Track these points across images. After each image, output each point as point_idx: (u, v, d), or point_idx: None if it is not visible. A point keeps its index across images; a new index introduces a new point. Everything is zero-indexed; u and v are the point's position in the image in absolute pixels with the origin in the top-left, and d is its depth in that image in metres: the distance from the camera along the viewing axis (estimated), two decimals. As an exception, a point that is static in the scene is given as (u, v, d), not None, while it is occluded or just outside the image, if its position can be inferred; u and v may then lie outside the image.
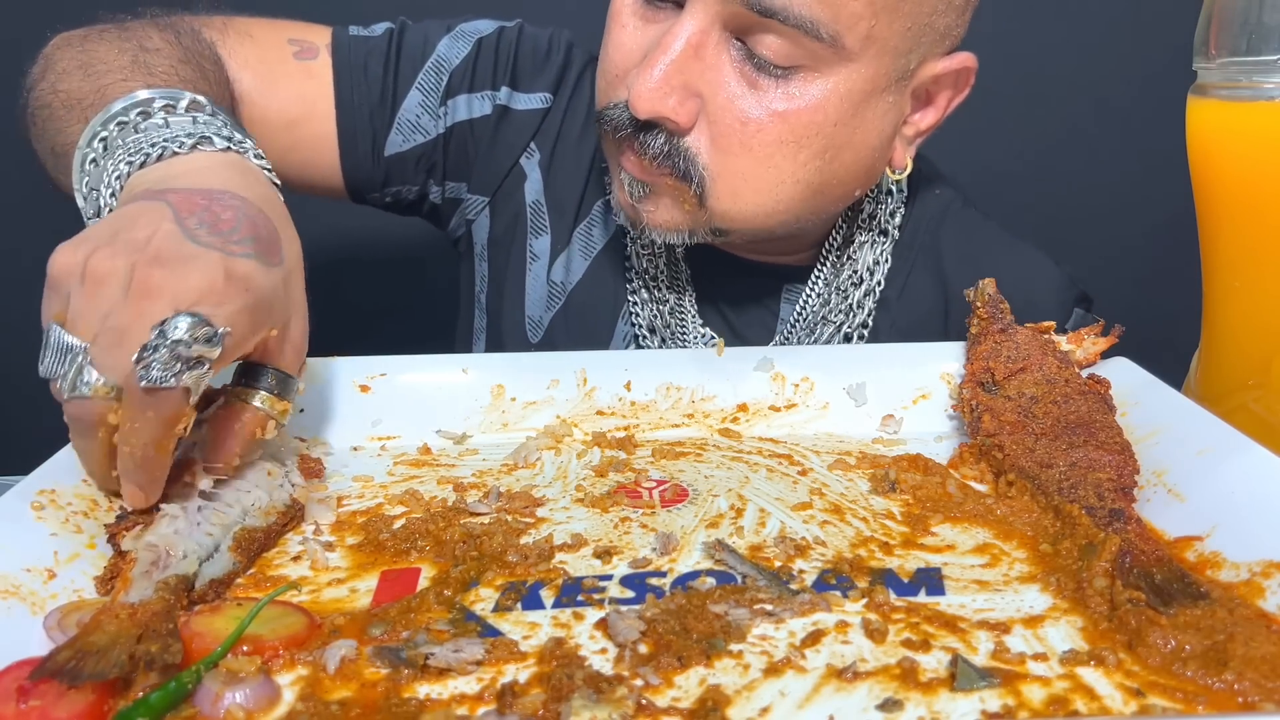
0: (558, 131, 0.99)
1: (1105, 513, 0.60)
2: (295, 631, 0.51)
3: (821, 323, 0.94)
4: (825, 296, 0.94)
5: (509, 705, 0.46)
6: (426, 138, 0.96)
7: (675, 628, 0.51)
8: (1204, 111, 0.75)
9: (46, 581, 0.54)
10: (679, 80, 0.75)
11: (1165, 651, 0.48)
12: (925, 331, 0.94)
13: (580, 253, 0.99)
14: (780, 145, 0.78)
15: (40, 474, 0.62)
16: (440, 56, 0.96)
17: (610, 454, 0.76)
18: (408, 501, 0.68)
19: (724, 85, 0.76)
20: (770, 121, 0.77)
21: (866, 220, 0.94)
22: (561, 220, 0.99)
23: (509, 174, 0.99)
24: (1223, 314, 0.78)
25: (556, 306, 0.99)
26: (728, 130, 0.77)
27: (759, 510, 0.66)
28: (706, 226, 0.82)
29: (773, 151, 0.78)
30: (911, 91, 0.83)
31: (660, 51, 0.75)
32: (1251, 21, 0.70)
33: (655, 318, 0.95)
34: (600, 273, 0.98)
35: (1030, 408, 0.72)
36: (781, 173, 0.79)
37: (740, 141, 0.77)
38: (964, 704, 0.46)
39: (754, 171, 0.79)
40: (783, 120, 0.77)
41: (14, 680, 0.45)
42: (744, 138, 0.77)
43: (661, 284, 0.94)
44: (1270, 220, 0.73)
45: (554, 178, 0.99)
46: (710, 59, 0.76)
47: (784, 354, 0.83)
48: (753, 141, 0.77)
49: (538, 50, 0.99)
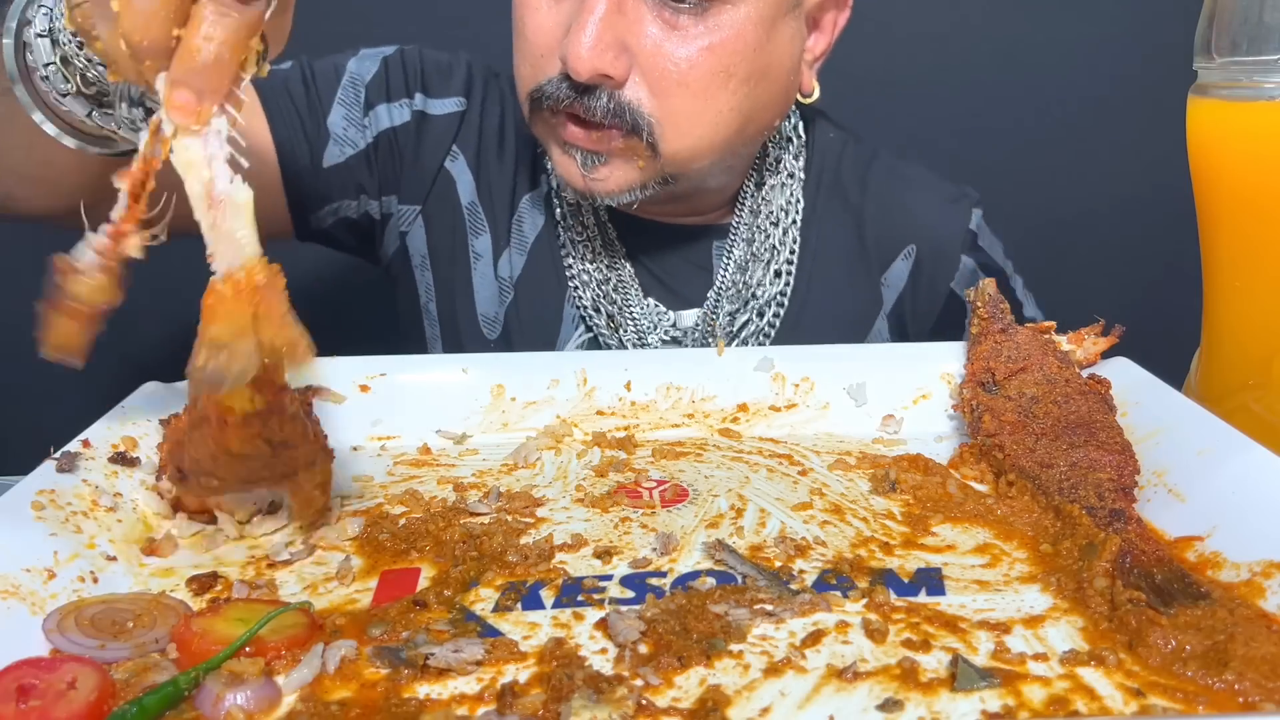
0: (478, 133, 1.03)
1: (1105, 513, 0.60)
2: (295, 632, 0.51)
3: (752, 260, 1.00)
4: (750, 240, 1.00)
5: (509, 705, 0.46)
6: (356, 149, 0.99)
7: (675, 628, 0.51)
8: (1204, 111, 0.75)
9: (46, 581, 0.54)
10: (610, 37, 0.81)
11: (1165, 651, 0.48)
12: (844, 259, 1.03)
13: (517, 247, 1.03)
14: (713, 76, 0.84)
15: (40, 474, 0.62)
16: (353, 74, 1.00)
17: (610, 454, 0.76)
18: (408, 501, 0.68)
19: (649, 33, 0.82)
20: (700, 57, 0.83)
21: (774, 165, 1.01)
22: (498, 217, 1.03)
23: (436, 179, 1.03)
24: (1223, 314, 0.78)
25: (508, 300, 1.02)
26: (663, 74, 0.83)
27: (759, 510, 0.66)
28: (658, 176, 0.88)
29: (708, 84, 0.84)
30: (805, 17, 0.91)
31: (586, 14, 0.80)
32: (1251, 21, 0.70)
33: (599, 297, 0.99)
34: (538, 262, 1.02)
35: (1030, 408, 0.72)
36: (719, 103, 0.85)
37: (677, 81, 0.83)
38: (964, 704, 0.46)
39: (695, 107, 0.85)
40: (711, 53, 0.83)
41: (14, 680, 0.45)
42: (679, 77, 0.83)
43: (601, 264, 0.99)
44: (1271, 220, 0.73)
45: (484, 177, 1.03)
46: (631, 13, 0.82)
47: (784, 354, 0.83)
48: (688, 78, 0.83)
49: (440, 63, 1.03)
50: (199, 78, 0.53)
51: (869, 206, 1.04)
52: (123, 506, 0.63)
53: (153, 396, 0.73)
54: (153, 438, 0.69)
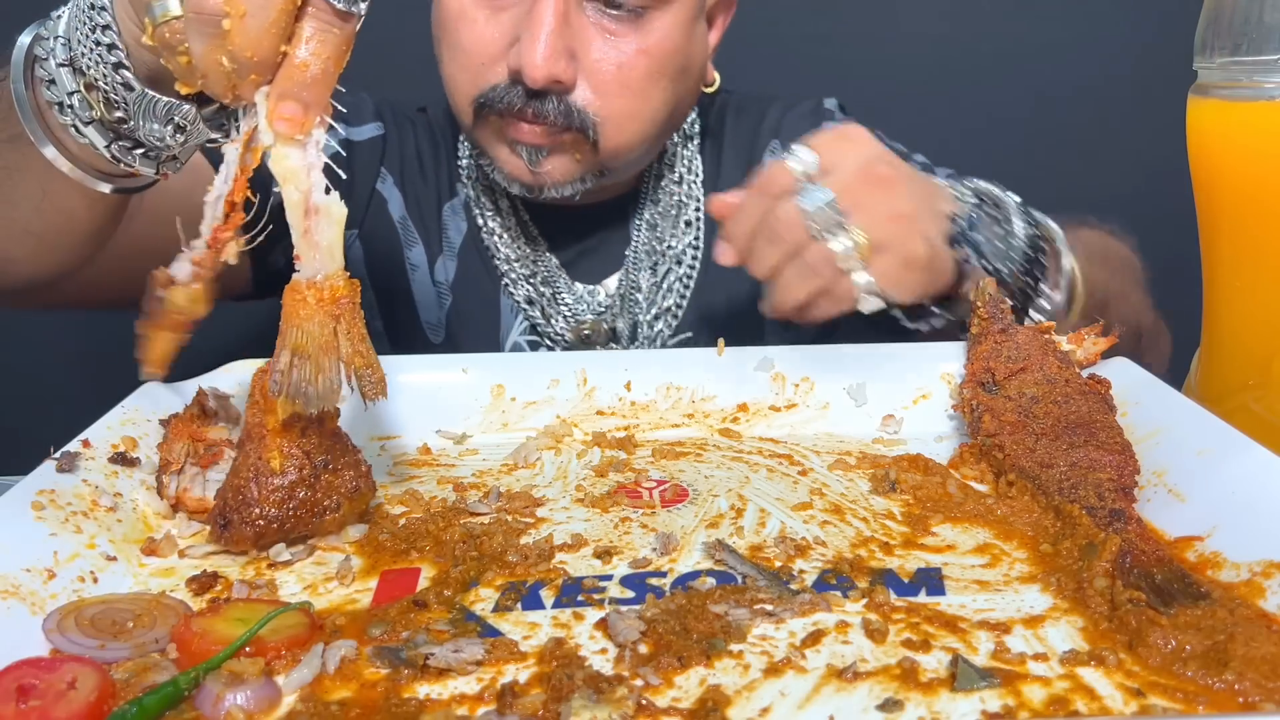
0: (399, 154, 1.10)
1: (1105, 513, 0.60)
2: (295, 632, 0.51)
3: (660, 218, 1.08)
4: (656, 200, 1.09)
5: (509, 705, 0.46)
6: None
7: (675, 628, 0.51)
8: (1204, 111, 0.75)
9: (46, 581, 0.54)
10: (560, 46, 0.88)
11: (1165, 651, 0.48)
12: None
13: (448, 253, 1.10)
14: (649, 77, 0.93)
15: (40, 474, 0.62)
16: None
17: (610, 454, 0.76)
18: (408, 501, 0.68)
19: (593, 41, 0.91)
20: (638, 59, 0.92)
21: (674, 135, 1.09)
22: (428, 227, 1.10)
23: (370, 202, 1.09)
24: (1223, 314, 0.78)
25: (447, 304, 1.08)
26: (606, 77, 0.91)
27: (759, 510, 0.66)
28: (595, 169, 0.96)
29: (645, 85, 0.93)
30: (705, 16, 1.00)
31: (537, 26, 0.87)
32: (1252, 21, 0.70)
33: (530, 290, 1.06)
34: (469, 265, 1.09)
35: (1030, 408, 0.72)
36: (654, 101, 0.95)
37: (619, 83, 0.92)
38: (964, 704, 0.46)
39: (634, 106, 0.93)
40: (647, 55, 0.92)
41: (14, 680, 0.45)
42: (621, 79, 0.92)
43: (526, 259, 1.06)
44: (1271, 220, 0.73)
45: (410, 192, 1.10)
46: (576, 23, 0.90)
47: (784, 354, 0.83)
48: (628, 80, 0.92)
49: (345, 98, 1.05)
50: (306, 91, 0.58)
51: (737, 132, 1.14)
52: (123, 506, 0.63)
53: (153, 396, 0.73)
54: (153, 438, 0.69)
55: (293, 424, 0.60)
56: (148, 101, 0.66)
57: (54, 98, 0.67)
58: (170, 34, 0.59)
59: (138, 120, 0.67)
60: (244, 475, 0.61)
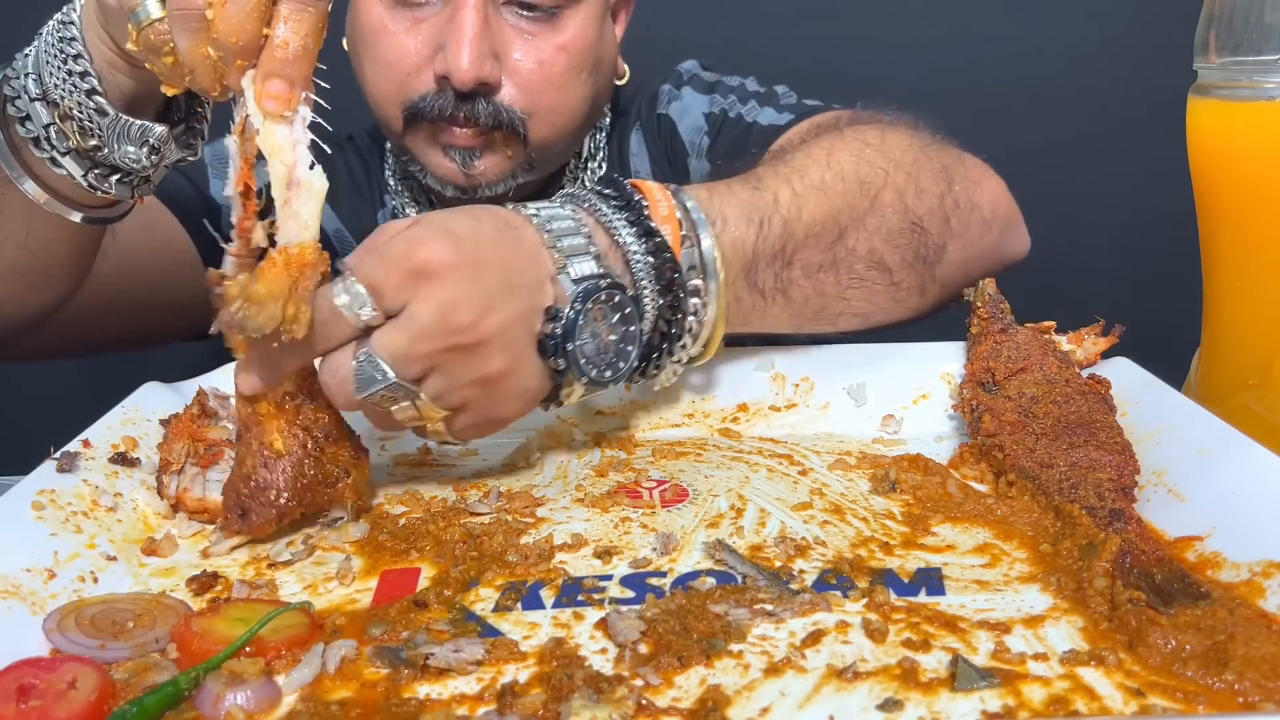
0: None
1: (1105, 513, 0.60)
2: (296, 632, 0.51)
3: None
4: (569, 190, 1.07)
5: (509, 705, 0.46)
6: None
7: (675, 628, 0.51)
8: (1204, 111, 0.75)
9: (46, 581, 0.54)
10: (485, 49, 0.91)
11: (1165, 651, 0.48)
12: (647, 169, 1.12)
13: None
14: (569, 72, 0.96)
15: (40, 474, 0.62)
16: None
17: (610, 454, 0.76)
18: (408, 501, 0.68)
19: (513, 42, 0.94)
20: (557, 56, 0.95)
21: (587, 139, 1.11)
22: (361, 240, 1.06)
23: None
24: (1223, 314, 0.78)
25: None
26: (529, 75, 0.94)
27: (759, 510, 0.66)
28: (526, 164, 0.99)
29: (567, 79, 0.96)
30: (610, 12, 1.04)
31: (460, 32, 0.90)
32: (1252, 21, 0.70)
33: None
34: None
35: (1030, 408, 0.72)
36: (575, 94, 0.98)
37: (542, 79, 0.95)
38: (964, 704, 0.46)
39: (558, 100, 0.97)
40: (565, 51, 0.95)
41: (14, 680, 0.45)
42: (543, 76, 0.95)
43: None
44: (1271, 220, 0.73)
45: (343, 207, 1.12)
46: (495, 27, 0.93)
47: (784, 354, 0.83)
48: (550, 76, 0.95)
49: None
50: (290, 68, 0.60)
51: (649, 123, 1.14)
52: (123, 506, 0.63)
53: (153, 396, 0.74)
54: (153, 438, 0.69)
55: (285, 403, 0.62)
56: (121, 125, 0.68)
57: (29, 133, 0.69)
58: (155, 36, 0.61)
59: (112, 144, 0.69)
60: (250, 464, 0.61)
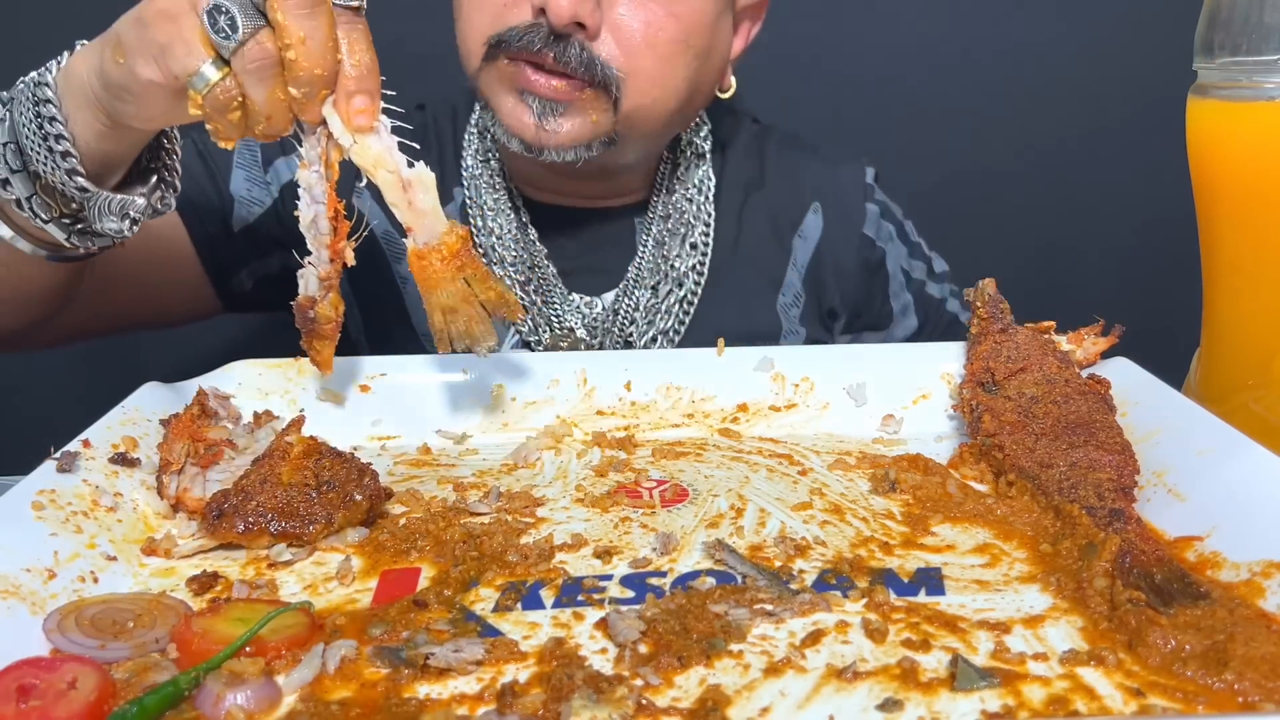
0: None
1: (1105, 513, 0.60)
2: (295, 632, 0.51)
3: (669, 236, 1.04)
4: (666, 216, 1.04)
5: (509, 705, 0.46)
6: (264, 206, 1.02)
7: (675, 628, 0.51)
8: (1204, 111, 0.75)
9: (46, 581, 0.54)
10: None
11: (1165, 651, 0.48)
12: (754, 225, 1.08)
13: None
14: (675, 43, 0.89)
15: (40, 474, 0.62)
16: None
17: (610, 454, 0.76)
18: (408, 501, 0.68)
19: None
20: (668, 21, 0.88)
21: (686, 147, 1.07)
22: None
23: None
24: (1223, 314, 0.78)
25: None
26: (632, 33, 0.87)
27: (759, 510, 0.66)
28: (608, 134, 0.91)
29: (671, 50, 0.89)
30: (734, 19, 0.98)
31: None
32: (1252, 21, 0.70)
33: (522, 298, 1.01)
34: None
35: (1030, 408, 0.72)
36: (677, 70, 0.91)
37: (645, 41, 0.88)
38: (964, 704, 0.46)
39: (658, 69, 0.89)
40: (677, 20, 0.89)
41: (14, 680, 0.45)
42: (648, 37, 0.88)
43: (521, 264, 1.01)
44: (1270, 220, 0.73)
45: None
46: None
47: (784, 354, 0.83)
48: (655, 40, 0.88)
49: None
50: (366, 82, 0.64)
51: (771, 175, 1.11)
52: (123, 506, 0.63)
53: (153, 396, 0.73)
54: (153, 438, 0.69)
55: (311, 449, 0.64)
56: (102, 200, 0.69)
57: (9, 196, 0.70)
58: (222, 94, 0.62)
59: (93, 217, 0.70)
60: (252, 479, 0.62)
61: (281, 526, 0.61)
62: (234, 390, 0.79)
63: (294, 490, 0.62)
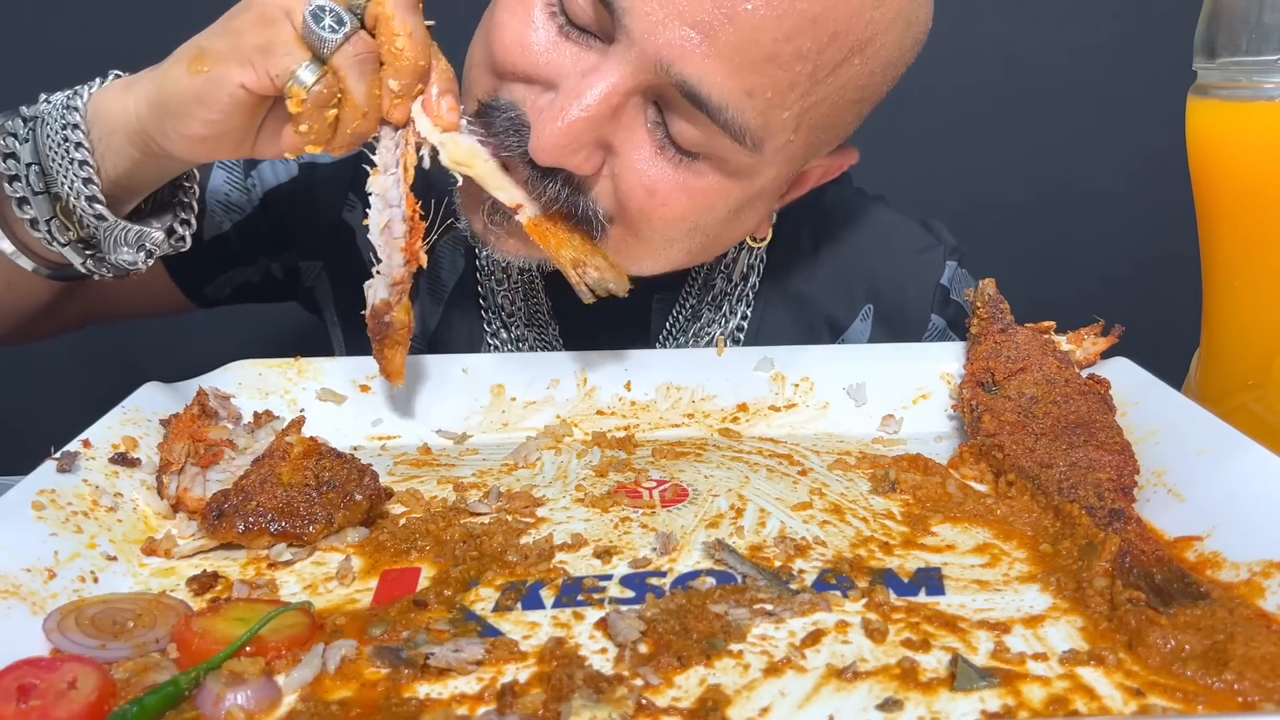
0: None
1: (1105, 513, 0.60)
2: (295, 632, 0.51)
3: (695, 335, 0.93)
4: (697, 310, 0.93)
5: (509, 705, 0.46)
6: (243, 214, 0.96)
7: (675, 628, 0.51)
8: (1204, 111, 0.75)
9: (47, 581, 0.54)
10: (590, 136, 0.69)
11: (1165, 651, 0.48)
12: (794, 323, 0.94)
13: (432, 297, 0.95)
14: (680, 221, 0.74)
15: (40, 474, 0.62)
16: None
17: (610, 454, 0.76)
18: (408, 501, 0.68)
19: (638, 148, 0.71)
20: (677, 197, 0.72)
21: None
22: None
23: (335, 232, 0.95)
24: (1223, 314, 0.78)
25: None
26: (632, 194, 0.72)
27: (759, 510, 0.66)
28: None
29: (671, 226, 0.74)
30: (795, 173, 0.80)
31: (572, 98, 0.68)
32: (1251, 21, 0.70)
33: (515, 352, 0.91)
34: (455, 315, 0.95)
35: (1030, 408, 0.72)
36: (674, 244, 0.77)
37: (643, 210, 0.73)
38: (964, 704, 0.46)
39: (650, 239, 0.75)
40: (689, 197, 0.73)
41: (14, 680, 0.45)
42: (648, 208, 0.72)
43: (520, 320, 0.91)
44: (1270, 220, 0.73)
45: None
46: (627, 119, 0.70)
47: (784, 354, 0.83)
48: (656, 214, 0.73)
49: None
50: (453, 83, 0.68)
51: (824, 263, 0.95)
52: (123, 506, 0.63)
53: (153, 396, 0.73)
54: (153, 438, 0.69)
55: (311, 450, 0.64)
56: (119, 231, 0.70)
57: (24, 216, 0.70)
58: (327, 89, 0.65)
59: (108, 247, 0.70)
60: (252, 479, 0.62)
61: (281, 526, 0.61)
62: (234, 390, 0.79)
63: (294, 490, 0.62)
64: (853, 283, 0.95)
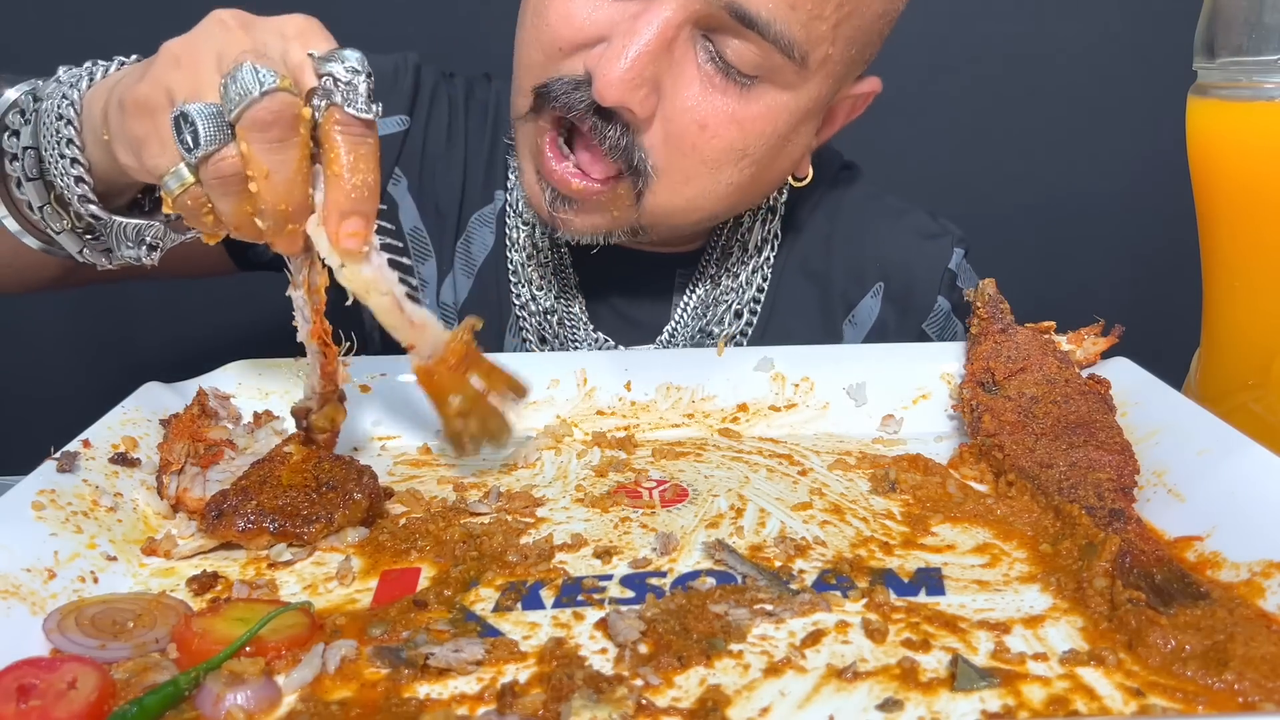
0: (421, 152, 0.97)
1: (1105, 513, 0.60)
2: (295, 632, 0.51)
3: (714, 303, 0.95)
4: (717, 278, 0.95)
5: (509, 705, 0.46)
6: None
7: (675, 628, 0.51)
8: (1204, 111, 0.75)
9: (46, 581, 0.54)
10: (650, 71, 0.73)
11: (1165, 651, 0.48)
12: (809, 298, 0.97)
13: (463, 270, 0.97)
14: (730, 151, 0.78)
15: (40, 474, 0.62)
16: None
17: (610, 454, 0.76)
18: (408, 501, 0.68)
19: (688, 85, 0.75)
20: (727, 127, 0.77)
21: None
22: (443, 241, 0.97)
23: None
24: (1223, 314, 0.78)
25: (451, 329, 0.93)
26: (683, 131, 0.76)
27: (759, 510, 0.66)
28: (628, 226, 0.82)
29: (722, 157, 0.78)
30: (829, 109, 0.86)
31: (631, 37, 0.72)
32: (1251, 21, 0.70)
33: (544, 328, 0.94)
34: (485, 287, 0.96)
35: (1030, 408, 0.72)
36: (722, 176, 0.80)
37: (694, 144, 0.77)
38: (964, 704, 0.46)
39: (699, 173, 0.79)
40: (739, 127, 0.77)
41: (14, 680, 0.45)
42: (699, 141, 0.77)
43: (550, 292, 0.93)
44: (1270, 220, 0.73)
45: (427, 200, 0.97)
46: (679, 54, 0.74)
47: (784, 354, 0.83)
48: (707, 146, 0.77)
49: (383, 75, 0.96)
50: (363, 204, 0.58)
51: (838, 242, 0.98)
52: (123, 506, 0.63)
53: (153, 396, 0.73)
54: (153, 438, 0.69)
55: (310, 455, 0.64)
56: (118, 227, 0.67)
57: (23, 197, 0.68)
58: (192, 200, 0.59)
59: (112, 244, 0.69)
60: (252, 479, 0.63)
61: (281, 526, 0.61)
62: (234, 390, 0.79)
63: (294, 490, 0.62)
64: (864, 260, 0.98)
